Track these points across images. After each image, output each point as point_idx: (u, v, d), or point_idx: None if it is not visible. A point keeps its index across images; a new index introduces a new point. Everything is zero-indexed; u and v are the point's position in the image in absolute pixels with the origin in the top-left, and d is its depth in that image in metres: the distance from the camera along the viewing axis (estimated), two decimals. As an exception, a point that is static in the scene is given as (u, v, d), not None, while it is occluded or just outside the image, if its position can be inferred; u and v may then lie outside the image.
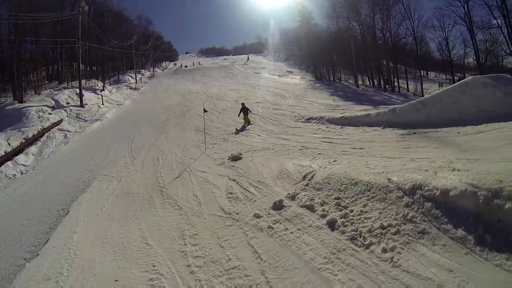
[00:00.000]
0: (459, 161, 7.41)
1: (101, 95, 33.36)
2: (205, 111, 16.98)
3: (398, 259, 4.87)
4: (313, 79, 50.32)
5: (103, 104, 31.30)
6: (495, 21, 39.78)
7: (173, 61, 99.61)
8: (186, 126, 20.37)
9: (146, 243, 6.96)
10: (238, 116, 20.66)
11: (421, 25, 50.69)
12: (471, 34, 42.48)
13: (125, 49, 53.97)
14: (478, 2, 39.46)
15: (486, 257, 4.50)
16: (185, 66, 72.53)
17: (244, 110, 20.45)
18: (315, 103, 26.55)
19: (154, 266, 6.03)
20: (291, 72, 59.11)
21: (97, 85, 38.72)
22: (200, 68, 64.06)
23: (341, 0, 51.06)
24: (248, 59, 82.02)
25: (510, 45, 37.52)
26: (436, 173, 6.32)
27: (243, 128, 18.24)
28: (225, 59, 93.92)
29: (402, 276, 4.55)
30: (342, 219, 6.17)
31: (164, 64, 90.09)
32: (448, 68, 51.05)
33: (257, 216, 7.11)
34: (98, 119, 25.83)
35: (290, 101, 27.82)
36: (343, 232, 5.83)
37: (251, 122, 19.82)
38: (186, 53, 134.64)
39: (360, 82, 48.29)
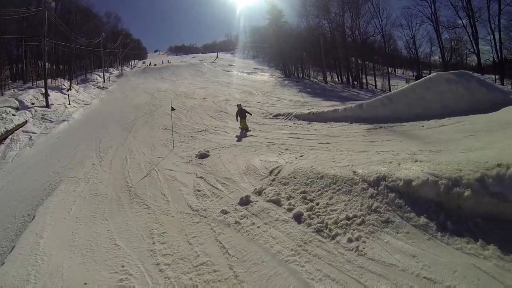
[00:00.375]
0: (422, 153, 7.80)
1: (68, 95, 32.64)
2: (173, 109, 16.91)
3: (364, 248, 5.08)
4: (282, 76, 51.39)
5: (70, 104, 30.60)
6: (460, 21, 42.21)
7: (142, 59, 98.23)
8: (155, 125, 20.20)
9: (115, 244, 6.90)
10: (237, 120, 17.44)
11: (389, 23, 52.75)
12: (437, 33, 45.34)
13: (93, 47, 52.82)
14: (444, 3, 42.21)
15: (447, 242, 4.81)
16: (154, 65, 72.12)
17: (241, 113, 17.16)
18: (283, 99, 26.94)
19: (123, 266, 5.99)
20: (259, 69, 59.98)
21: (64, 85, 37.84)
22: (169, 66, 63.92)
23: None
24: (217, 57, 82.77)
25: (473, 44, 40.01)
26: (400, 164, 6.64)
27: (242, 137, 15.30)
28: (194, 57, 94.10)
29: (367, 264, 4.76)
30: (308, 212, 6.34)
31: (133, 62, 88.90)
32: (415, 66, 53.07)
33: (224, 212, 7.19)
34: (65, 120, 25.23)
35: (258, 98, 28.19)
36: (309, 225, 6.00)
37: (249, 128, 16.76)
38: (156, 51, 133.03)
39: (328, 79, 50.02)
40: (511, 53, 40.28)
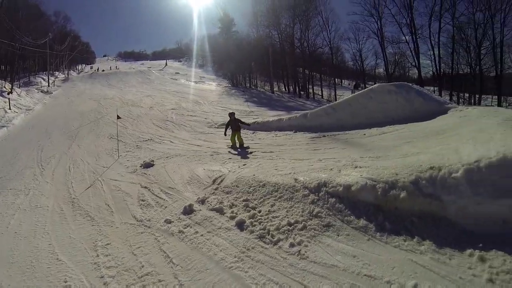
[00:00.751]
0: (362, 159, 8.27)
1: (9, 99, 30.29)
2: (118, 117, 16.48)
3: (305, 252, 5.29)
4: (229, 85, 51.92)
5: (10, 108, 28.56)
6: (403, 37, 46.36)
7: (90, 64, 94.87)
8: (100, 133, 19.54)
9: (57, 259, 6.63)
10: (225, 134, 14.60)
11: (338, 36, 55.19)
12: (382, 47, 49.52)
13: (39, 48, 50.07)
14: (390, 20, 46.88)
15: (386, 241, 5.19)
16: (102, 70, 70.56)
17: (234, 124, 14.29)
18: (229, 109, 27.01)
19: (66, 281, 5.76)
20: (207, 78, 60.32)
21: (5, 87, 34.94)
22: (117, 72, 62.45)
23: (264, 10, 53.57)
24: (166, 64, 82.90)
25: (415, 58, 44.65)
26: (340, 171, 7.08)
27: (241, 153, 12.68)
28: (143, 64, 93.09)
29: (309, 266, 4.96)
30: (251, 220, 6.49)
31: (80, 66, 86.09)
32: (361, 77, 56.24)
33: (168, 222, 7.16)
34: (4, 126, 23.40)
35: (204, 108, 28.08)
36: (252, 232, 6.14)
37: (244, 144, 13.90)
38: (104, 56, 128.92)
39: (276, 89, 51.40)
40: (448, 67, 44.24)
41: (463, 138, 7.94)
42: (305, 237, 5.63)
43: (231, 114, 14.76)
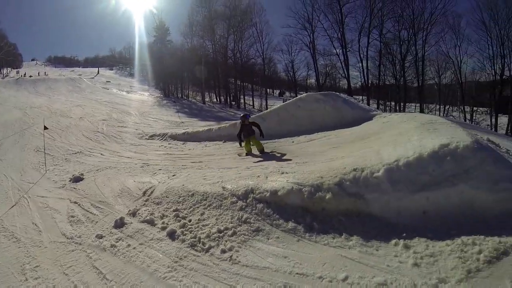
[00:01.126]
0: (288, 165, 8.66)
1: None
2: (45, 128, 15.75)
3: (237, 257, 5.38)
4: (161, 96, 52.30)
5: None
6: (335, 50, 51.30)
7: (16, 68, 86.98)
8: (26, 146, 18.31)
9: None
10: (240, 144, 12.93)
11: (271, 48, 57.39)
12: (314, 59, 53.74)
13: None
14: (322, 34, 51.84)
15: (316, 240, 5.45)
16: (30, 76, 66.31)
17: (247, 129, 12.44)
18: (160, 120, 26.84)
19: None
20: (139, 88, 59.63)
21: None
22: (46, 79, 58.96)
23: (199, 20, 55.23)
24: (98, 72, 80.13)
25: (345, 70, 49.93)
26: (267, 177, 7.37)
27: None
28: (73, 70, 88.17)
29: (242, 270, 5.06)
30: (182, 229, 6.49)
31: (5, 71, 79.13)
32: (292, 87, 60.33)
33: (100, 237, 6.93)
34: None
35: (135, 119, 27.54)
36: (183, 241, 6.13)
37: (265, 150, 11.98)
38: (33, 60, 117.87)
39: (207, 99, 52.01)
40: (376, 78, 50.12)
41: (385, 141, 8.64)
42: (235, 242, 5.73)
43: (243, 117, 12.75)
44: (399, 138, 8.36)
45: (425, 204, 6.01)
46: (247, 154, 12.08)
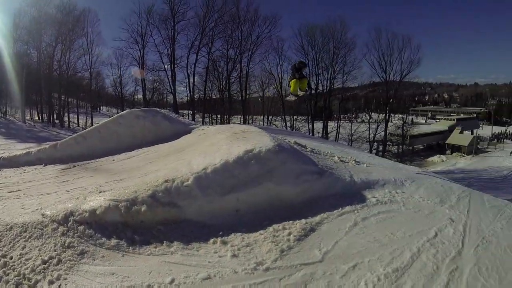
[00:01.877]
0: (107, 184, 8.66)
1: None
2: None
3: (66, 284, 5.21)
4: None
5: None
6: (163, 66, 52.66)
7: None
8: None
9: None
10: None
11: (99, 61, 54.96)
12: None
13: None
14: (152, 49, 52.37)
15: (139, 252, 5.67)
16: None
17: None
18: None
19: None
20: None
21: None
22: None
23: (26, 21, 46.98)
24: None
25: (171, 85, 51.91)
26: (86, 198, 7.25)
27: None
28: None
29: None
30: (3, 269, 5.95)
31: None
32: (119, 103, 58.70)
33: None
34: None
35: None
36: (7, 282, 5.67)
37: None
38: None
39: (28, 117, 46.22)
40: (202, 92, 53.91)
41: (198, 152, 9.39)
42: (62, 270, 5.52)
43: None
44: (210, 148, 9.21)
45: (236, 204, 6.93)
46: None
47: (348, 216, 6.92)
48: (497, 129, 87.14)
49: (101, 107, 71.00)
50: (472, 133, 74.41)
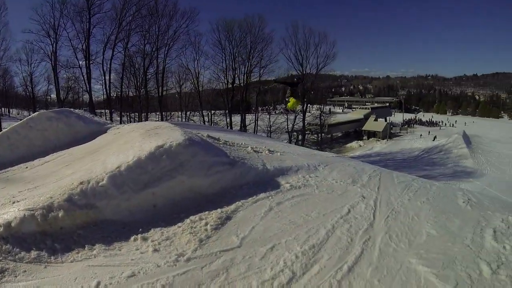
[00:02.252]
0: (20, 193, 8.14)
1: None
2: None
3: None
4: None
5: None
6: (78, 62, 49.18)
7: None
8: None
9: None
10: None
11: (7, 57, 50.62)
12: (55, 72, 50.01)
13: None
14: (66, 43, 48.32)
15: (62, 260, 5.57)
16: None
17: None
18: None
19: None
20: None
21: None
22: None
23: None
24: None
25: (87, 83, 49.00)
26: None
27: None
28: None
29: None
30: None
31: None
32: (32, 105, 54.78)
33: None
34: None
35: None
36: None
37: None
38: None
39: None
40: (118, 90, 52.02)
41: (112, 151, 9.27)
42: None
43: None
44: (124, 146, 9.20)
45: (153, 199, 7.13)
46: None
47: (263, 202, 7.46)
48: (408, 116, 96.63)
49: (11, 110, 66.23)
50: (385, 120, 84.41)
